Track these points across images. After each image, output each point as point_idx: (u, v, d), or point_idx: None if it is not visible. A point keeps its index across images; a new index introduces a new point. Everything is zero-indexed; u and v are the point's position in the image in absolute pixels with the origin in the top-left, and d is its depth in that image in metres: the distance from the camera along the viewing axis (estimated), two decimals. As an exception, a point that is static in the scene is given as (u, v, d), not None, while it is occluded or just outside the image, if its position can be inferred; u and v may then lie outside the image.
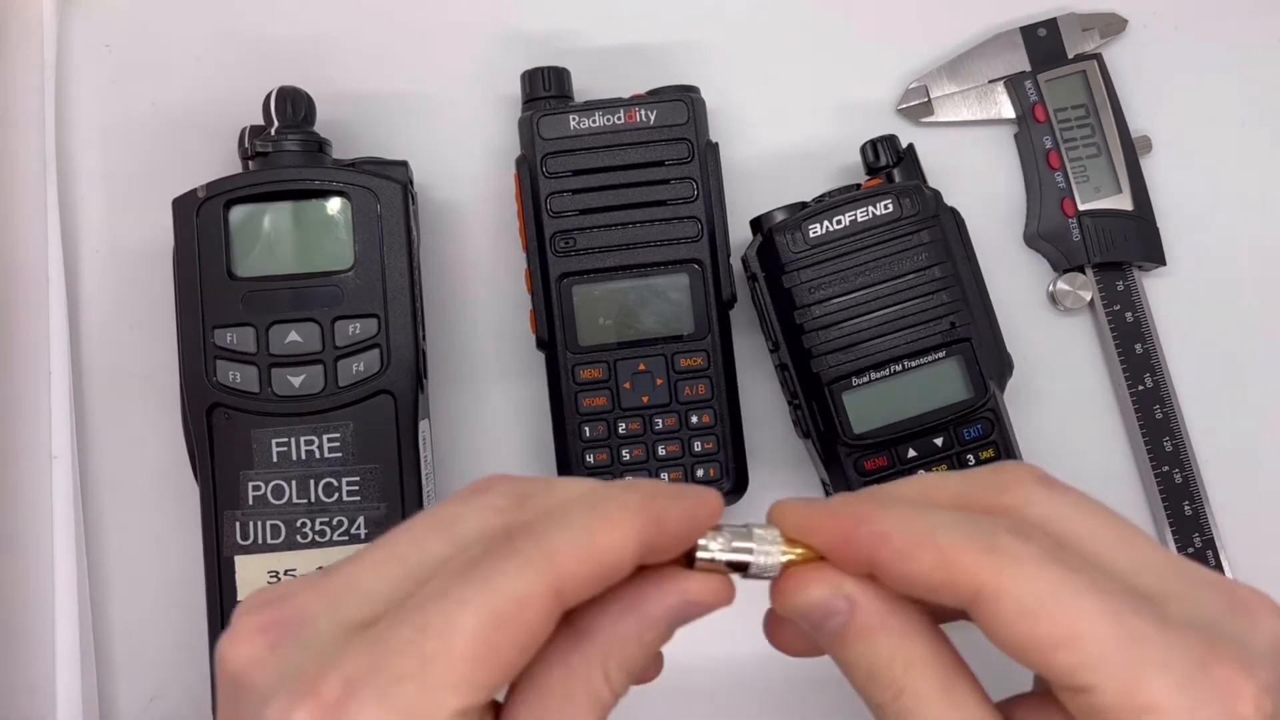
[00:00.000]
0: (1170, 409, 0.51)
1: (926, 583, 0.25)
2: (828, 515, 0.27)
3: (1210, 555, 0.50)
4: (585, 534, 0.25)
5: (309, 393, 0.44)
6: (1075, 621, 0.24)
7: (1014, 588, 0.24)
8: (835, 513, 0.27)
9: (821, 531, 0.27)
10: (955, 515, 0.26)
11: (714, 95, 0.49)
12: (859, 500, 0.27)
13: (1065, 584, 0.24)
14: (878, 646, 0.26)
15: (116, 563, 0.49)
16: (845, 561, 0.27)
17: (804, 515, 0.27)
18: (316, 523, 0.44)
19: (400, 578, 0.25)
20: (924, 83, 0.53)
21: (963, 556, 0.25)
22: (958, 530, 0.25)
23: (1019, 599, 0.24)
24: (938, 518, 0.26)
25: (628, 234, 0.47)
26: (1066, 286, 0.52)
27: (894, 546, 0.25)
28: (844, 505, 0.27)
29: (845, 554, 0.26)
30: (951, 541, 0.25)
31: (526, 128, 0.48)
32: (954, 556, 0.25)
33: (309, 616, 0.25)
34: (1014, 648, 0.25)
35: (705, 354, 0.47)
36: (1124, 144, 0.52)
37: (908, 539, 0.25)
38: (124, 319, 0.51)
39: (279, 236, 0.46)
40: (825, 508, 0.27)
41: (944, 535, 0.25)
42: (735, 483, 0.47)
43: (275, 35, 0.53)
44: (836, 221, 0.46)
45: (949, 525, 0.26)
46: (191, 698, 0.48)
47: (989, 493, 0.28)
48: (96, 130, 0.52)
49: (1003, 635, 0.25)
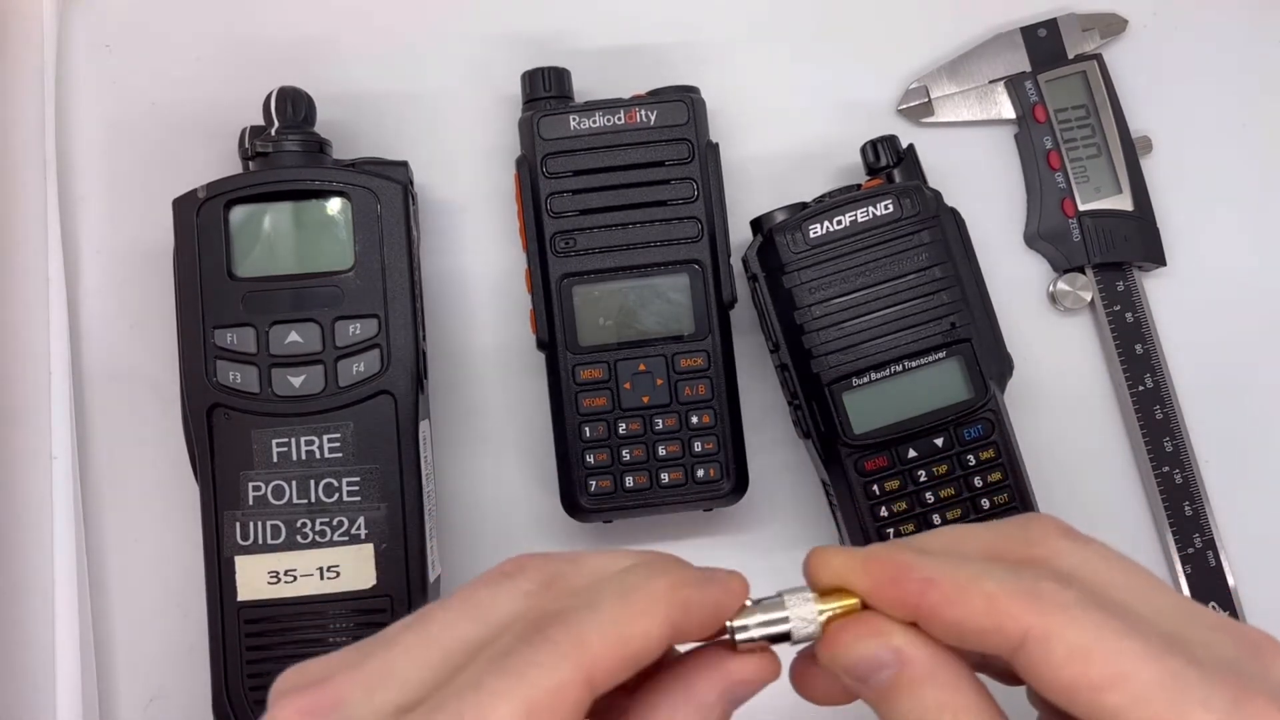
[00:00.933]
0: (1170, 409, 0.51)
1: (975, 627, 0.26)
2: (872, 562, 0.27)
3: (1210, 555, 0.50)
4: (615, 625, 0.25)
5: (309, 393, 0.44)
6: (1122, 662, 0.25)
7: (1063, 631, 0.25)
8: (879, 560, 0.27)
9: (867, 578, 0.27)
10: (995, 564, 0.27)
11: (714, 95, 0.49)
12: (898, 549, 0.27)
13: (1109, 627, 0.25)
14: (926, 699, 0.26)
15: (116, 563, 0.49)
16: (891, 607, 0.27)
17: (846, 563, 0.28)
18: (317, 523, 0.44)
19: (434, 663, 0.26)
20: (924, 83, 0.53)
21: (1010, 602, 0.25)
22: (1002, 577, 0.26)
23: (1068, 642, 0.25)
24: (980, 566, 0.27)
25: (628, 234, 0.47)
26: (1067, 287, 0.52)
27: (942, 592, 0.26)
28: (886, 553, 0.27)
29: (892, 600, 0.27)
30: (998, 587, 0.26)
31: (527, 128, 0.48)
32: (1002, 602, 0.25)
33: (346, 702, 0.25)
34: (1062, 689, 0.25)
35: (705, 354, 0.47)
36: (1124, 144, 0.52)
37: (955, 585, 0.26)
38: (124, 319, 0.51)
39: (279, 237, 0.45)
40: (868, 556, 0.27)
41: (990, 582, 0.26)
42: (735, 483, 0.47)
43: (275, 35, 0.53)
44: (837, 222, 0.46)
45: (993, 573, 0.26)
46: (191, 698, 0.48)
47: (1018, 545, 0.28)
48: (96, 130, 0.52)
49: (1051, 677, 0.25)
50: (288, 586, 0.44)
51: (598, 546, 0.51)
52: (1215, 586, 0.50)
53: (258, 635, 0.44)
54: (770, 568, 0.50)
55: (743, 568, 0.50)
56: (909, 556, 0.27)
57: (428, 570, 0.45)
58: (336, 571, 0.44)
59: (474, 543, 0.50)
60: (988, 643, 0.26)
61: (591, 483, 0.46)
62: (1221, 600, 0.50)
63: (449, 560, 0.49)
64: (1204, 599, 0.50)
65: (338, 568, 0.44)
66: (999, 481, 0.46)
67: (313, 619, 0.44)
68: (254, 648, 0.44)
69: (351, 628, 0.44)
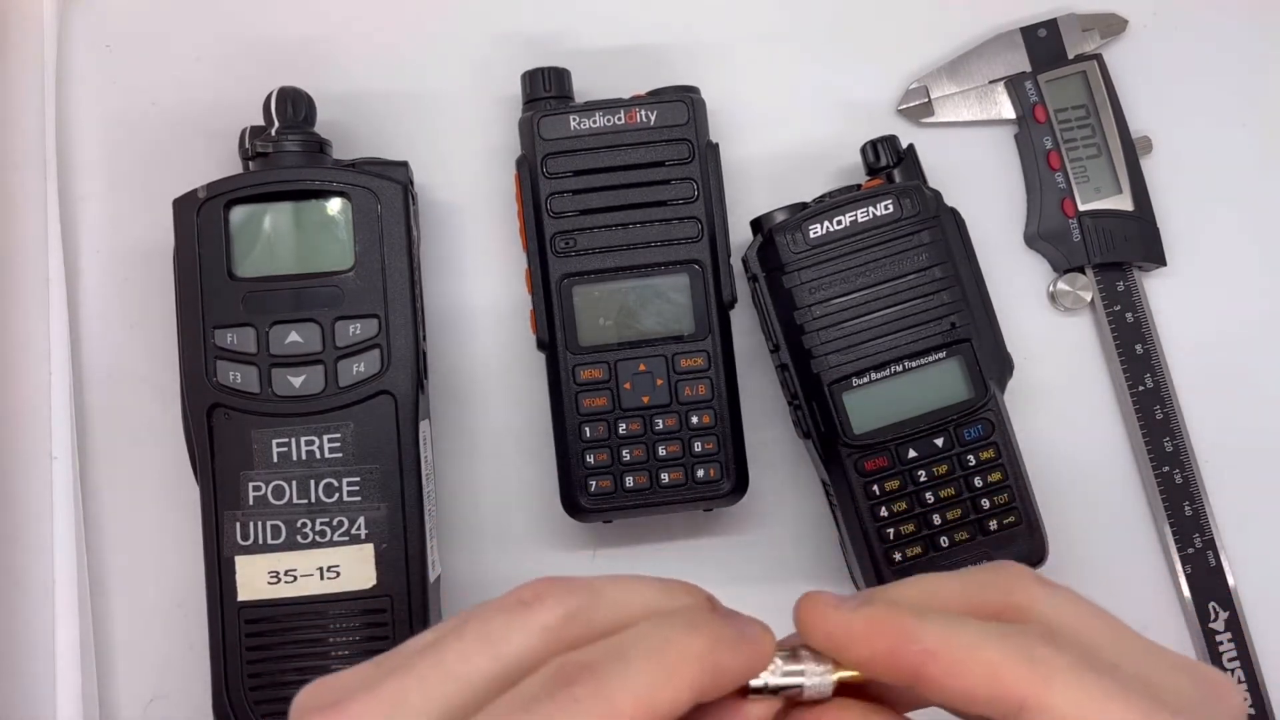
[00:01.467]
0: (1170, 409, 0.51)
1: (973, 697, 0.26)
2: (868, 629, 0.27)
3: (1210, 555, 0.50)
4: (647, 688, 0.25)
5: (309, 393, 0.44)
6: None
7: (1059, 700, 0.25)
8: (874, 626, 0.27)
9: (865, 647, 0.27)
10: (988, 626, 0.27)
11: (714, 95, 0.49)
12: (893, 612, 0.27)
13: (1099, 689, 0.25)
14: None
15: (116, 563, 0.49)
16: (890, 677, 0.27)
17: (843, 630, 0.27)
18: (317, 523, 0.44)
19: (449, 697, 0.25)
20: (924, 83, 0.53)
21: (1009, 671, 0.25)
22: (1000, 643, 0.26)
23: (1064, 711, 0.25)
24: (976, 632, 0.26)
25: (628, 234, 0.47)
26: (1067, 287, 0.52)
27: (943, 664, 0.26)
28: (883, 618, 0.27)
29: (891, 671, 0.26)
30: (997, 655, 0.26)
31: (527, 128, 0.48)
32: (1001, 671, 0.25)
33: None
34: None
35: (705, 354, 0.47)
36: (1124, 144, 0.52)
37: (955, 655, 0.26)
38: (124, 319, 0.51)
39: (279, 237, 0.45)
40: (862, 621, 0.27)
41: (989, 650, 0.26)
42: (735, 483, 0.47)
43: (275, 35, 0.53)
44: (837, 222, 0.46)
45: (990, 638, 0.26)
46: (191, 698, 0.48)
47: (996, 594, 0.28)
48: (96, 130, 0.52)
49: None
50: (288, 586, 0.44)
51: (597, 546, 0.51)
52: (1215, 586, 0.50)
53: (258, 635, 0.44)
54: (770, 568, 0.50)
55: (743, 568, 0.51)
56: (907, 623, 0.26)
57: (428, 570, 0.45)
58: (337, 571, 0.44)
59: (474, 543, 0.50)
60: (986, 709, 0.26)
61: (592, 483, 0.46)
62: (1221, 600, 0.50)
63: (449, 560, 0.49)
64: (1204, 599, 0.50)
65: (338, 568, 0.44)
66: (999, 482, 0.46)
67: (313, 619, 0.44)
68: (254, 648, 0.44)
69: (352, 628, 0.44)
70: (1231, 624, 0.50)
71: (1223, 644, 0.50)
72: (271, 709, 0.44)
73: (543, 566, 0.50)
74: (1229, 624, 0.50)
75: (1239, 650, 0.49)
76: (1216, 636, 0.50)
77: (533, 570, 0.49)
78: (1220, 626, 0.50)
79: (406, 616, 0.44)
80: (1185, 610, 0.50)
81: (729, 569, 0.51)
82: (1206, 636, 0.50)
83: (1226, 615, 0.50)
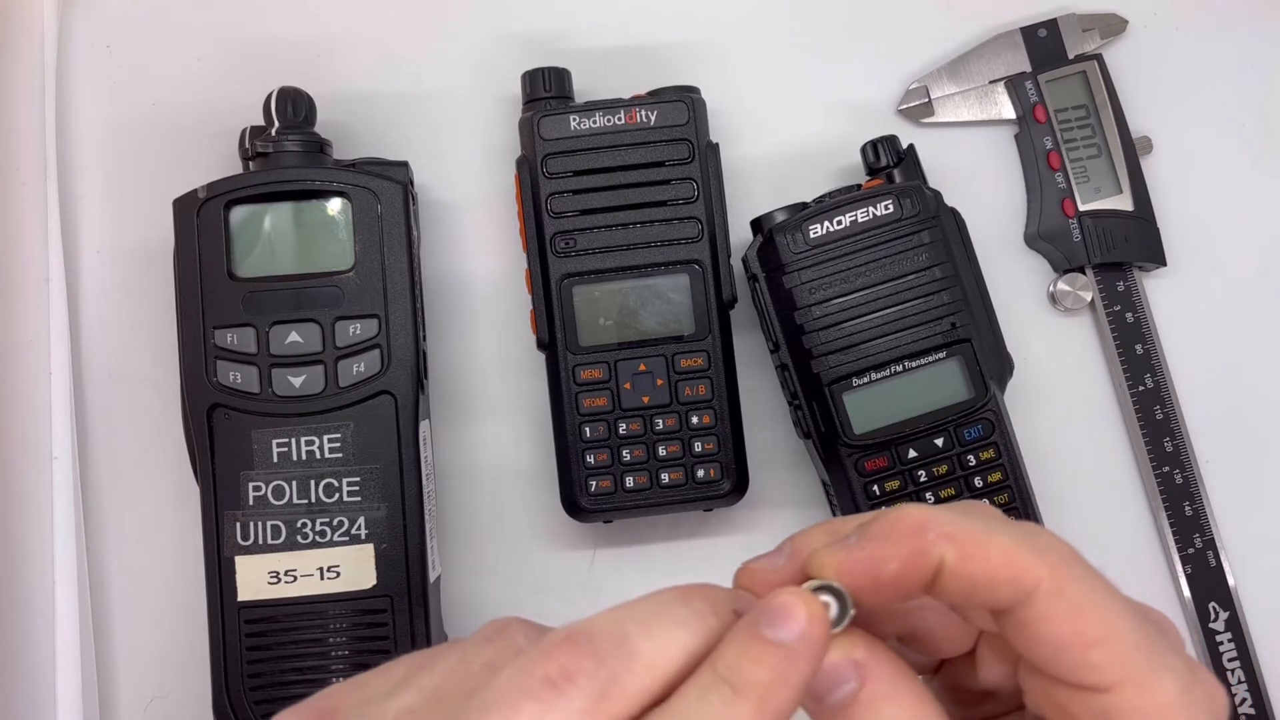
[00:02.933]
0: (1170, 409, 0.51)
1: (990, 580, 0.25)
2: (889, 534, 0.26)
3: (1210, 555, 0.50)
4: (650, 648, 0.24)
5: (309, 393, 0.44)
6: (1114, 622, 0.25)
7: (1069, 585, 0.25)
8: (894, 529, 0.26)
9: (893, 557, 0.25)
10: (989, 514, 0.27)
11: (714, 95, 0.49)
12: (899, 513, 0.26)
13: (1101, 587, 0.25)
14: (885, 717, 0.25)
15: (116, 563, 0.49)
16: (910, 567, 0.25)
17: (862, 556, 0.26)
18: (317, 523, 0.44)
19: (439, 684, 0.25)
20: (924, 83, 0.53)
21: (1023, 556, 0.25)
22: (1007, 530, 0.26)
23: (1073, 596, 0.25)
24: (982, 517, 0.26)
25: (628, 234, 0.47)
26: (1067, 287, 0.52)
27: (961, 546, 0.25)
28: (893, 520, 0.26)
29: (916, 566, 0.25)
30: (1010, 541, 0.25)
31: (527, 128, 0.48)
32: (1016, 555, 0.25)
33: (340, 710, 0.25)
34: (1055, 644, 0.25)
35: (705, 354, 0.47)
36: (1124, 144, 0.52)
37: (972, 538, 0.25)
38: (124, 319, 0.51)
39: (279, 237, 0.45)
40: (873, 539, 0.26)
41: (1003, 536, 0.25)
42: (735, 483, 0.47)
43: (275, 35, 0.53)
44: (837, 222, 0.46)
45: (998, 524, 0.26)
46: (191, 698, 0.48)
47: None
48: (96, 130, 0.52)
49: (1049, 631, 0.25)
50: (288, 586, 0.44)
51: (597, 546, 0.51)
52: (1215, 586, 0.50)
53: (258, 635, 0.44)
54: (770, 568, 0.50)
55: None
56: (921, 514, 0.26)
57: (428, 570, 0.45)
58: (337, 572, 0.44)
59: (474, 543, 0.50)
60: (1000, 595, 0.25)
61: (592, 483, 0.46)
62: (1221, 600, 0.50)
63: (449, 560, 0.49)
64: (1204, 599, 0.50)
65: (338, 568, 0.44)
66: (999, 482, 0.46)
67: (313, 619, 0.44)
68: (254, 648, 0.44)
69: (352, 628, 0.44)
70: (1231, 624, 0.50)
71: (1223, 644, 0.50)
72: (272, 709, 0.44)
73: (543, 566, 0.50)
74: (1229, 624, 0.50)
75: (1239, 650, 0.49)
76: (1216, 636, 0.50)
77: (533, 570, 0.50)
78: (1220, 626, 0.50)
79: (406, 616, 0.44)
80: (1185, 610, 0.50)
81: (729, 569, 0.50)
82: (1206, 636, 0.50)
83: (1226, 615, 0.50)
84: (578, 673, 0.23)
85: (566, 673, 0.23)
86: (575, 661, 0.23)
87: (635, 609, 0.25)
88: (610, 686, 0.23)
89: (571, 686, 0.23)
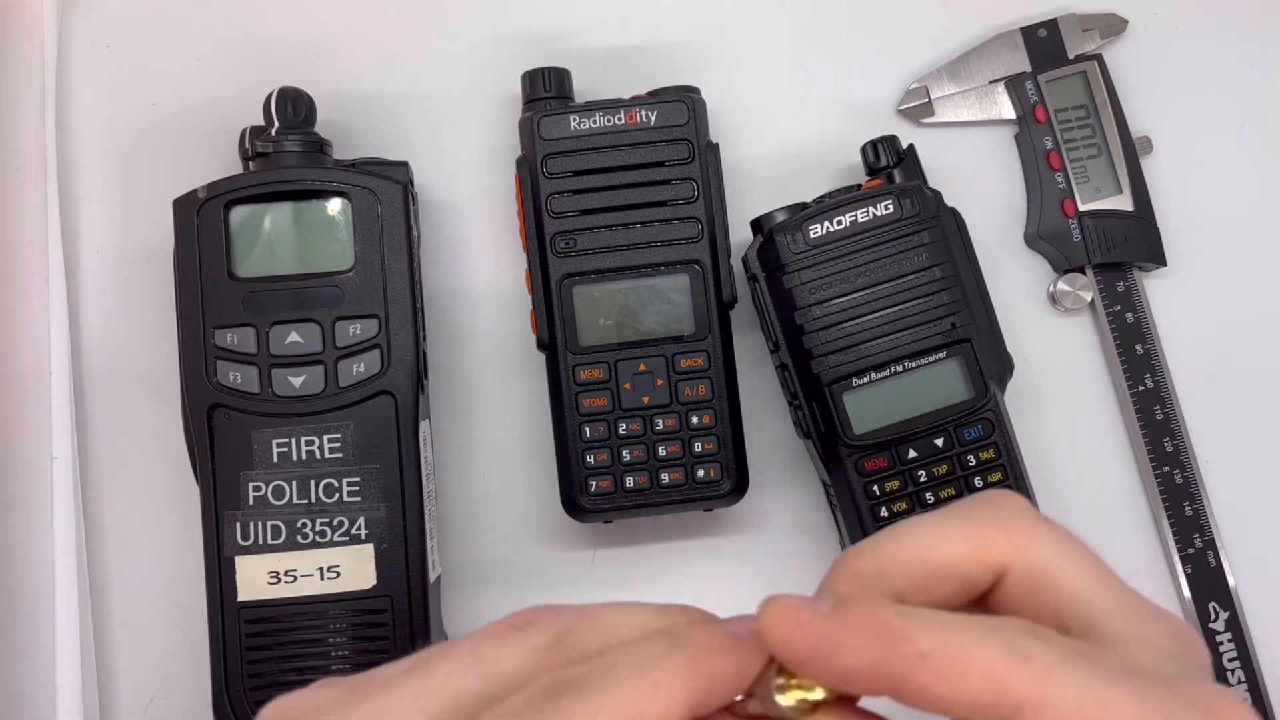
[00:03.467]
0: (1170, 409, 0.51)
1: (976, 702, 0.24)
2: (852, 633, 0.24)
3: (1210, 555, 0.50)
4: (635, 701, 0.24)
5: (309, 393, 0.44)
6: (1111, 712, 0.24)
7: (1057, 697, 0.24)
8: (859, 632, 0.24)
9: (851, 654, 0.24)
10: (973, 621, 0.25)
11: (714, 95, 0.49)
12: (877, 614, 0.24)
13: (1094, 679, 0.24)
14: None
15: (116, 563, 0.49)
16: (878, 688, 0.24)
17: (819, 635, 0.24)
18: (317, 523, 0.44)
19: (433, 714, 0.24)
20: (924, 83, 0.53)
21: (1005, 670, 0.24)
22: (990, 642, 0.24)
23: (1061, 706, 0.24)
24: (965, 627, 0.24)
25: (628, 234, 0.47)
26: (1067, 287, 0.52)
27: (936, 667, 0.24)
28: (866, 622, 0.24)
29: (878, 680, 0.24)
30: (991, 654, 0.24)
31: (527, 128, 0.48)
32: (998, 674, 0.24)
33: None
34: None
35: (705, 354, 0.47)
36: (1124, 144, 0.52)
37: (950, 656, 0.24)
38: (124, 319, 0.51)
39: (279, 237, 0.45)
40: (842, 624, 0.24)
41: (983, 649, 0.24)
42: (735, 483, 0.47)
43: (275, 35, 0.53)
44: (837, 222, 0.46)
45: (980, 636, 0.24)
46: (191, 698, 0.48)
47: (1000, 535, 0.26)
48: (96, 130, 0.52)
49: None
50: (288, 587, 0.44)
51: (597, 546, 0.51)
52: (1215, 586, 0.50)
53: (258, 635, 0.44)
54: (770, 568, 0.50)
55: (743, 568, 0.51)
56: (894, 624, 0.24)
57: (428, 570, 0.45)
58: (337, 572, 0.44)
59: (474, 543, 0.50)
60: (979, 713, 0.24)
61: (592, 483, 0.46)
62: (1221, 600, 0.50)
63: (449, 560, 0.49)
64: (1204, 599, 0.50)
65: (338, 568, 0.44)
66: (999, 482, 0.46)
67: (313, 619, 0.44)
68: (254, 648, 0.44)
69: (352, 628, 0.44)
70: (1231, 624, 0.50)
71: (1223, 644, 0.50)
72: (271, 709, 0.44)
73: (543, 566, 0.50)
74: (1229, 624, 0.50)
75: (1239, 650, 0.49)
76: (1216, 636, 0.50)
77: (533, 570, 0.50)
78: (1220, 626, 0.50)
79: (406, 616, 0.44)
80: (1185, 610, 0.50)
81: (729, 569, 0.51)
82: (1206, 636, 0.50)
83: (1226, 615, 0.50)
84: (540, 619, 0.26)
85: (530, 619, 0.26)
86: (540, 614, 0.26)
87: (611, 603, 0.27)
88: (569, 634, 0.25)
89: (531, 629, 0.25)
